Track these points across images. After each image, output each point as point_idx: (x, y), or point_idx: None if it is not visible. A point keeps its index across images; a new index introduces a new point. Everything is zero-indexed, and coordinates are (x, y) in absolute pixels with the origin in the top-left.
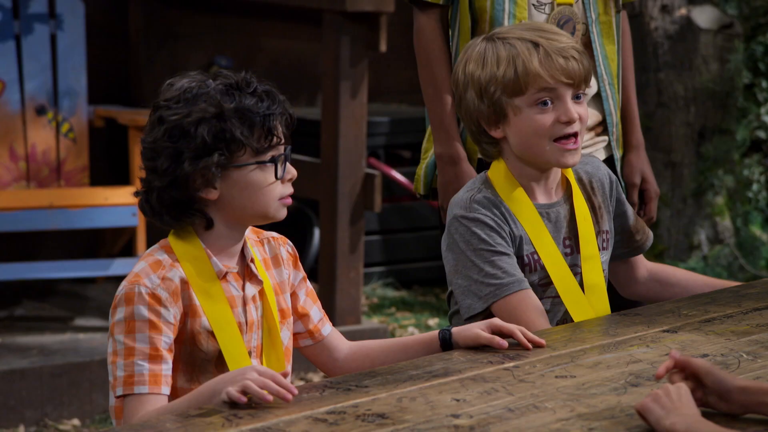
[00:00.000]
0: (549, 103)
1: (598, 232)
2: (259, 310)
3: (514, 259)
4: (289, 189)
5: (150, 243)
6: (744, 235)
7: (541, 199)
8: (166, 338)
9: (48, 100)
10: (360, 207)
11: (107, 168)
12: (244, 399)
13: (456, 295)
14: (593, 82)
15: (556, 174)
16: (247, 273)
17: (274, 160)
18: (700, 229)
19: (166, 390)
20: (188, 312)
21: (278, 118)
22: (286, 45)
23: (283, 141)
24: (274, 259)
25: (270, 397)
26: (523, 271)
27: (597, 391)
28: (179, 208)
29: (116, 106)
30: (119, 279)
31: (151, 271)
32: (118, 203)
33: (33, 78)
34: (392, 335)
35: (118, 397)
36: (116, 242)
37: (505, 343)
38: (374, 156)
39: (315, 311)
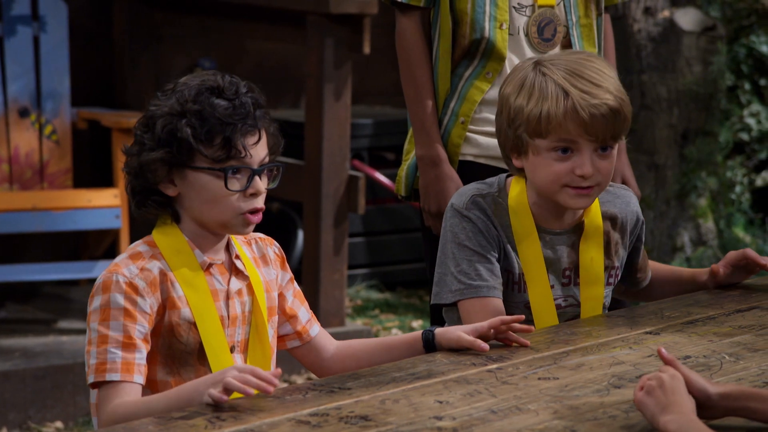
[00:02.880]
0: (568, 151)
1: (608, 268)
2: (246, 305)
3: (495, 266)
4: (252, 204)
5: None
6: (727, 237)
7: (549, 225)
8: (140, 327)
9: (31, 102)
10: (344, 209)
11: (90, 170)
12: (226, 398)
13: (434, 279)
14: None
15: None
16: (233, 268)
17: (225, 170)
18: (683, 231)
19: (139, 379)
20: (166, 304)
21: (244, 132)
22: (270, 47)
23: (245, 156)
24: (263, 258)
25: (252, 391)
26: (511, 287)
27: (580, 392)
28: (139, 195)
29: (100, 108)
30: None
31: (130, 262)
32: (102, 205)
33: (16, 80)
34: (376, 337)
35: (90, 384)
36: (100, 244)
37: (486, 346)
38: (358, 158)
39: (303, 312)
